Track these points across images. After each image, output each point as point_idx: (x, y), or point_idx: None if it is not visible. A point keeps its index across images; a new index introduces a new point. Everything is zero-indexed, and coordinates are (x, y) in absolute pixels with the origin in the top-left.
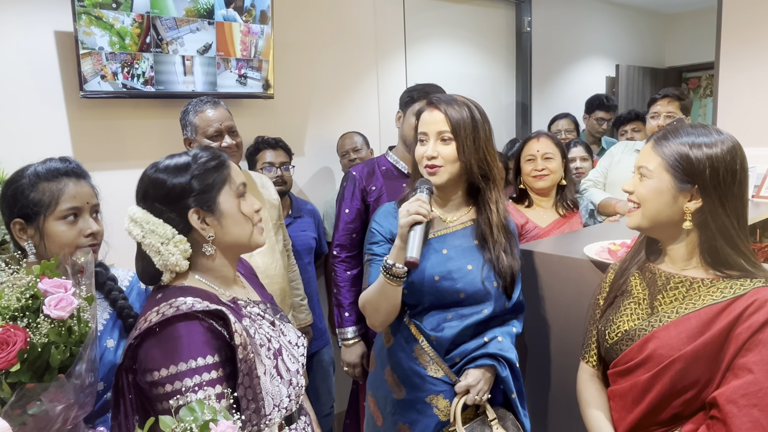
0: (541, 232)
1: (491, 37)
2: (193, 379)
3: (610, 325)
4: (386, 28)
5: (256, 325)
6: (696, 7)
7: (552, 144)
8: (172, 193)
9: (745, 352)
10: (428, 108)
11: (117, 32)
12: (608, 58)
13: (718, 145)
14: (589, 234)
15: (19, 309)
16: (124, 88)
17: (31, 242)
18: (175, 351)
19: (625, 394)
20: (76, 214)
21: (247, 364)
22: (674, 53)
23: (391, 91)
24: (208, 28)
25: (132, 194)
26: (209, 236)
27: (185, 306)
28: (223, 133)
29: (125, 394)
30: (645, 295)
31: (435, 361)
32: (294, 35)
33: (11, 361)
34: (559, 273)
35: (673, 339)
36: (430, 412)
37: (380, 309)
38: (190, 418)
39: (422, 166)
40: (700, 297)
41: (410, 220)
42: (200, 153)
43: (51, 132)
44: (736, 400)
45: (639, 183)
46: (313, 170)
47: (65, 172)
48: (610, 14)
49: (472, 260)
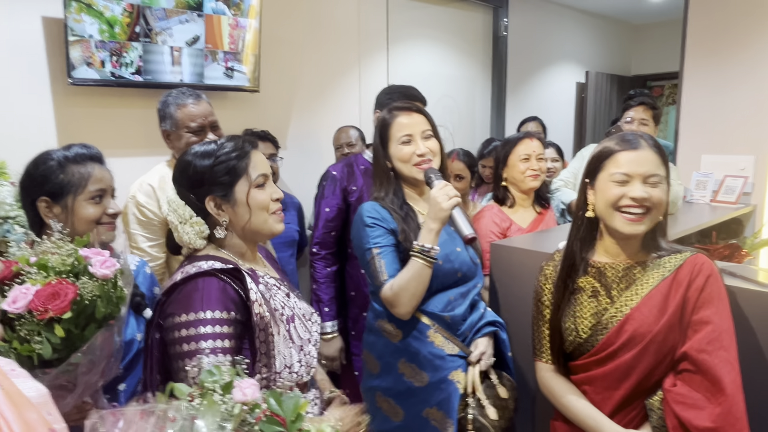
0: (523, 232)
1: (469, 40)
2: (205, 327)
3: (579, 321)
4: (369, 26)
5: (271, 292)
6: (661, 19)
7: (541, 145)
8: (192, 179)
9: (698, 309)
10: (405, 112)
11: (107, 20)
12: (579, 64)
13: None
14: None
15: (65, 270)
16: (112, 76)
17: (56, 219)
18: (192, 301)
19: (607, 376)
20: (102, 195)
21: (264, 321)
22: (640, 62)
23: (372, 88)
24: (197, 20)
25: (118, 181)
26: (223, 221)
27: (206, 265)
28: (206, 129)
29: (152, 352)
30: (598, 287)
31: (450, 339)
32: (280, 31)
33: (64, 308)
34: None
35: (646, 316)
36: (453, 387)
37: (418, 293)
38: (212, 379)
39: (412, 163)
40: (650, 276)
41: (454, 202)
42: (225, 143)
43: (37, 118)
44: (705, 348)
45: (652, 190)
46: (297, 163)
47: (90, 157)
48: (582, 22)
49: (457, 242)
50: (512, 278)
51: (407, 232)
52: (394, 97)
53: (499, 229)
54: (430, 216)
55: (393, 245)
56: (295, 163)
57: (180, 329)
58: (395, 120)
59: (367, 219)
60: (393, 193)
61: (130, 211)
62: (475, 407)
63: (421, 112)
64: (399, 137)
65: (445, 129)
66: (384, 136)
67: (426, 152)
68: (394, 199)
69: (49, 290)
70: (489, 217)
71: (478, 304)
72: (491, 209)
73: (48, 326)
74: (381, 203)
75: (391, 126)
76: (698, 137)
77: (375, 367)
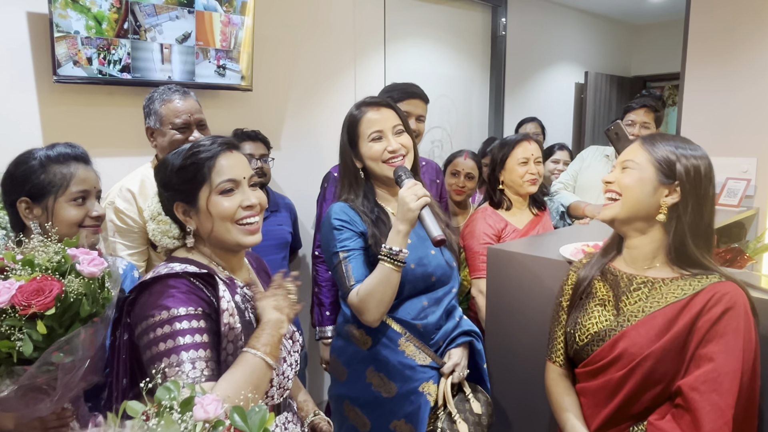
0: (519, 234)
1: (468, 39)
2: (181, 323)
3: (579, 327)
4: (365, 25)
5: (248, 305)
6: (662, 19)
7: (539, 148)
8: (164, 182)
9: (705, 343)
10: (373, 107)
11: (94, 16)
12: (578, 64)
13: (701, 157)
14: (562, 235)
15: (52, 267)
16: (100, 74)
17: (36, 221)
18: (161, 300)
19: (598, 391)
20: (84, 197)
21: (234, 333)
22: (640, 63)
23: (368, 87)
24: (187, 17)
25: (105, 181)
26: (189, 229)
27: (178, 267)
28: (192, 126)
29: (119, 354)
30: (610, 296)
31: (421, 349)
32: (274, 28)
33: (48, 304)
34: (533, 273)
35: (642, 337)
36: (424, 399)
37: (385, 299)
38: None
39: (383, 160)
40: (663, 295)
41: (423, 202)
42: (200, 143)
43: (21, 117)
44: (698, 387)
45: (621, 174)
46: (290, 164)
47: (74, 157)
48: (582, 22)
49: (430, 245)
50: (509, 283)
51: (377, 236)
52: (395, 95)
53: (493, 231)
54: (398, 217)
55: (361, 249)
56: (289, 163)
57: (155, 329)
58: (364, 116)
59: (335, 221)
60: (363, 195)
61: (108, 218)
62: (446, 421)
63: (390, 107)
64: (369, 134)
65: (443, 129)
66: (353, 133)
67: (398, 148)
68: (365, 201)
69: (33, 286)
70: (482, 219)
71: (454, 312)
72: (484, 211)
73: (30, 322)
74: (351, 204)
75: (359, 123)
76: (700, 139)
77: (342, 374)
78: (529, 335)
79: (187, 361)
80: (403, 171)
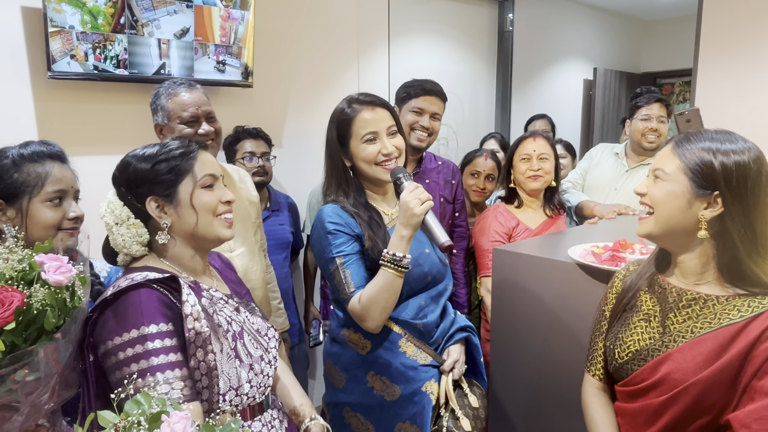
0: (531, 234)
1: (474, 35)
2: (153, 342)
3: (619, 343)
4: (369, 20)
5: (216, 306)
6: (673, 15)
7: (548, 145)
8: (133, 178)
9: (762, 375)
10: (368, 107)
11: (89, 11)
12: (586, 60)
13: (745, 152)
14: (569, 236)
15: (15, 277)
16: (96, 70)
17: (10, 224)
18: (128, 318)
19: (636, 414)
20: (61, 197)
21: (201, 337)
22: (650, 59)
23: (372, 84)
24: (186, 12)
25: (102, 180)
26: (164, 224)
27: (140, 277)
28: (200, 119)
29: (88, 376)
30: (656, 311)
31: (422, 348)
32: (275, 23)
33: (7, 318)
34: (540, 275)
35: (688, 362)
36: (427, 399)
37: (389, 306)
38: (137, 411)
39: (376, 162)
40: (715, 316)
41: (427, 206)
42: (170, 142)
43: (15, 113)
44: (750, 424)
45: (653, 185)
46: (292, 162)
47: (50, 155)
48: (590, 17)
49: (424, 243)
50: (515, 284)
51: (374, 238)
52: (411, 91)
53: (504, 229)
54: (401, 222)
55: (358, 253)
56: (291, 161)
57: (124, 349)
58: (358, 115)
59: (329, 225)
60: (354, 195)
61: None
62: (449, 419)
63: (385, 106)
64: (362, 135)
65: (449, 127)
66: (343, 131)
67: (392, 151)
68: (357, 202)
69: None
70: (494, 216)
71: (448, 309)
72: (497, 208)
73: None
74: (342, 206)
75: (352, 122)
76: None
77: (340, 380)
78: (535, 339)
79: (163, 381)
80: (401, 173)
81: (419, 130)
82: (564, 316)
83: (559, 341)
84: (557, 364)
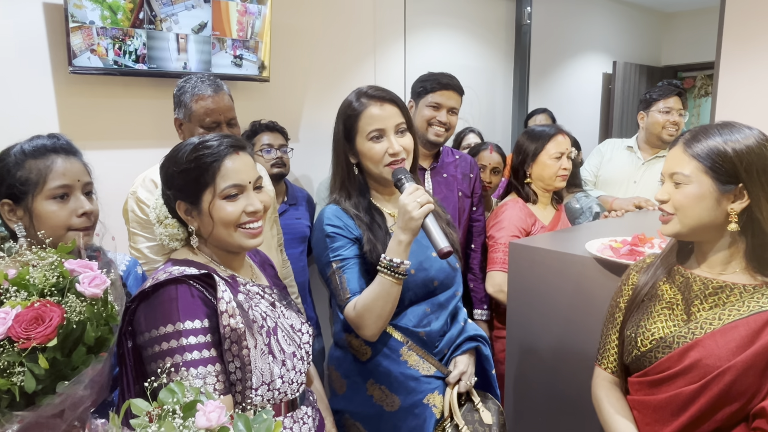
0: (546, 230)
1: (491, 29)
2: (188, 338)
3: (642, 331)
4: (385, 14)
5: (252, 302)
6: (694, 7)
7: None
8: (165, 180)
9: None
10: (376, 102)
11: (109, 6)
12: (606, 54)
13: (752, 138)
14: (587, 230)
15: (49, 287)
16: (115, 64)
17: (20, 224)
18: (164, 313)
19: (661, 406)
20: (67, 193)
21: (236, 333)
22: (671, 52)
23: (388, 78)
24: (204, 6)
25: (122, 174)
26: (191, 228)
27: (177, 271)
28: (222, 125)
29: (126, 361)
30: (678, 300)
31: (424, 358)
32: (292, 17)
33: (49, 336)
34: (558, 270)
35: (721, 348)
36: (429, 412)
37: (384, 314)
38: (172, 400)
39: (384, 163)
40: (744, 303)
41: (426, 210)
42: (207, 143)
43: (38, 108)
44: None
45: (674, 191)
46: (308, 156)
47: (53, 149)
48: (609, 10)
49: (431, 247)
50: (531, 279)
51: (373, 241)
52: (428, 85)
53: (525, 225)
54: (399, 226)
55: (357, 257)
56: (307, 155)
57: (161, 343)
58: (365, 110)
59: (327, 228)
60: (358, 194)
61: (129, 207)
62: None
63: (395, 102)
64: (369, 131)
65: (465, 122)
66: (350, 126)
67: (399, 151)
68: (359, 202)
69: (31, 314)
70: (516, 210)
71: (458, 316)
72: (516, 203)
73: (31, 356)
74: (343, 208)
75: (359, 117)
76: None
77: (341, 386)
78: (552, 335)
79: (196, 376)
80: (402, 174)
81: (437, 125)
82: (581, 310)
83: (575, 338)
84: (574, 361)
